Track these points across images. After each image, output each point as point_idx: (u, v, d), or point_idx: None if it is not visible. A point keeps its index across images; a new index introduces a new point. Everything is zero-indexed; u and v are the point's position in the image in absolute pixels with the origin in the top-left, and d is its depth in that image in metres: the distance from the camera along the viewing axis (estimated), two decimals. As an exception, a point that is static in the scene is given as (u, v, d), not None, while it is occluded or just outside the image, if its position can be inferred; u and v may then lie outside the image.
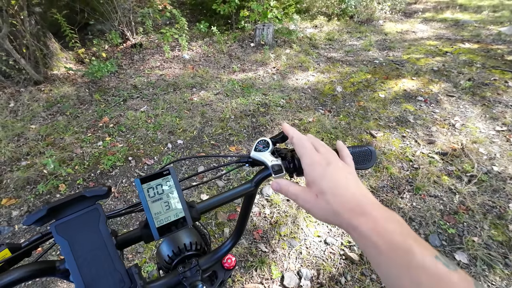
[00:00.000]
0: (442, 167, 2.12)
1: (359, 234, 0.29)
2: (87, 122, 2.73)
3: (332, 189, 0.32)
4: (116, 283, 0.34)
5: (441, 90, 3.16)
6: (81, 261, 0.33)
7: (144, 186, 0.37)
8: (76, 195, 0.35)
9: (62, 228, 0.34)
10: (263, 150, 0.47)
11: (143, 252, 1.62)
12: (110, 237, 0.35)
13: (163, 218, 0.38)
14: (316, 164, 0.34)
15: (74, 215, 0.34)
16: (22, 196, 1.98)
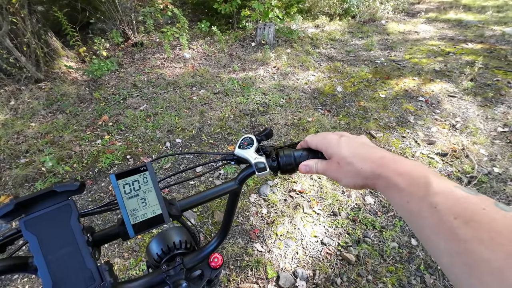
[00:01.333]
0: (442, 168, 2.10)
1: (382, 179, 0.31)
2: (87, 120, 2.74)
3: (350, 152, 0.35)
4: (85, 281, 0.33)
5: (442, 91, 3.13)
6: (50, 258, 0.32)
7: (120, 182, 0.37)
8: (46, 190, 0.34)
9: (31, 224, 0.33)
10: (247, 148, 0.46)
11: (138, 251, 1.62)
12: (81, 234, 0.34)
13: (139, 215, 0.37)
14: (331, 139, 0.39)
15: (44, 211, 0.34)
16: (20, 194, 1.99)
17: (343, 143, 0.37)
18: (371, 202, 1.88)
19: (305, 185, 2.02)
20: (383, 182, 0.31)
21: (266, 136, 0.46)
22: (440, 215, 0.24)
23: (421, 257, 1.54)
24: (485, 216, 0.22)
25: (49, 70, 3.37)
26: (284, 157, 0.44)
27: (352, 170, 0.34)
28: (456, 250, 0.22)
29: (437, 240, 0.24)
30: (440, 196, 0.25)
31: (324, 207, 1.85)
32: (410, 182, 0.28)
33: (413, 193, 0.28)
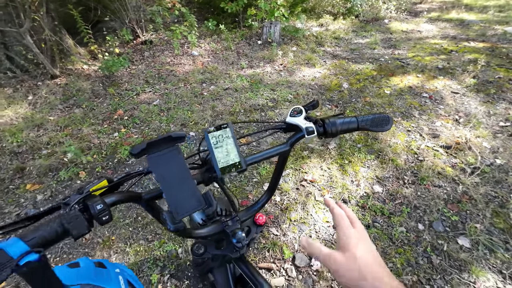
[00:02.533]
0: (446, 160, 2.20)
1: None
2: (103, 114, 2.84)
3: (364, 258, 0.38)
4: (195, 203, 0.43)
5: (445, 87, 3.22)
6: (169, 185, 0.42)
7: (210, 135, 0.46)
8: (165, 135, 0.44)
9: (154, 160, 0.43)
10: (297, 116, 0.55)
11: (161, 234, 1.71)
12: (188, 170, 0.44)
13: (223, 161, 0.47)
14: (352, 237, 0.40)
15: (162, 152, 0.44)
16: (44, 182, 2.09)
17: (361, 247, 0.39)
18: (379, 191, 1.98)
19: (315, 175, 2.11)
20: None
21: (313, 107, 0.56)
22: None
23: (428, 240, 1.64)
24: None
25: (63, 66, 3.47)
26: (330, 124, 0.54)
27: (358, 273, 0.37)
28: None
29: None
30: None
31: (334, 195, 1.95)
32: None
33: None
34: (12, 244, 0.32)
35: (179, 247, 1.65)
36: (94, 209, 0.37)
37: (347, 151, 2.32)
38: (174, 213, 0.41)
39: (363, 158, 2.25)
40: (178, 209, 0.41)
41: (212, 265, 0.84)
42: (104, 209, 0.37)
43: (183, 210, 0.42)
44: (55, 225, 0.36)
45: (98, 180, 0.42)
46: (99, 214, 0.37)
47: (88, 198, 0.39)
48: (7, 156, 2.33)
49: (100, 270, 0.52)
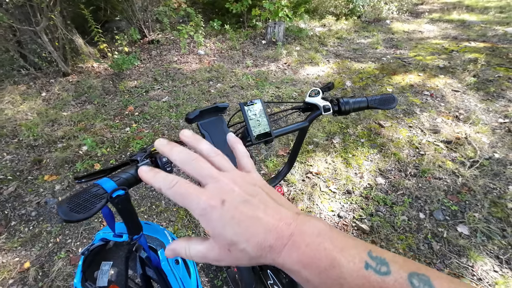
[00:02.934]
0: (446, 154, 2.28)
1: (289, 270, 0.25)
2: (114, 110, 2.94)
3: (242, 234, 0.25)
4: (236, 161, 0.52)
5: (446, 86, 3.30)
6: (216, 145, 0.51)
7: (246, 108, 0.56)
8: (212, 105, 0.53)
9: (204, 125, 0.52)
10: (315, 96, 0.65)
11: (175, 221, 1.81)
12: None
13: (256, 130, 0.56)
14: (208, 211, 0.25)
15: (209, 119, 0.53)
16: (61, 173, 2.19)
17: (228, 218, 0.25)
18: (382, 183, 2.06)
19: (320, 168, 2.20)
20: (290, 273, 0.25)
21: (329, 88, 0.65)
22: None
23: (428, 228, 1.72)
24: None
25: (74, 64, 3.58)
26: (344, 102, 0.63)
27: (248, 257, 0.25)
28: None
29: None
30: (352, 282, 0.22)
31: (339, 186, 2.04)
32: (321, 276, 0.23)
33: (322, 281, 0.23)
34: (106, 182, 0.41)
35: (192, 233, 1.74)
36: (161, 161, 0.46)
37: (351, 145, 2.41)
38: None
39: (366, 152, 2.34)
40: None
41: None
42: (168, 161, 0.47)
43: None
44: (133, 171, 0.45)
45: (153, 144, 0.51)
46: (165, 165, 0.46)
47: (153, 154, 0.48)
48: (24, 149, 2.43)
49: (149, 225, 0.61)
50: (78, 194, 0.38)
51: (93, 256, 0.57)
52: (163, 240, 0.57)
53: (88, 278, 0.55)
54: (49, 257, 1.61)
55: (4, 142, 2.52)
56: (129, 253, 0.59)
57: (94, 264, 0.57)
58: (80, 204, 0.37)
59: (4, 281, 1.49)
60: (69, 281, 1.49)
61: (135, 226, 0.44)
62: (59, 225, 1.79)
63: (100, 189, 0.40)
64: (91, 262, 0.57)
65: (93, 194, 0.39)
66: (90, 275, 0.56)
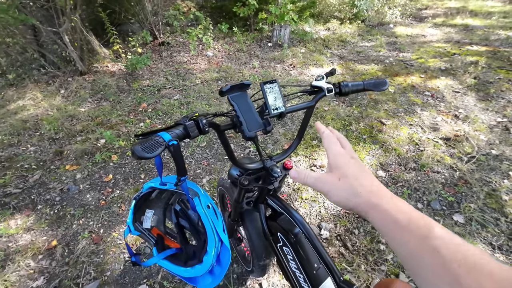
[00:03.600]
0: (445, 150, 2.39)
1: (379, 210, 0.32)
2: (128, 107, 3.10)
3: (355, 174, 0.36)
4: (258, 125, 0.65)
5: (447, 87, 3.41)
6: (243, 113, 0.65)
7: (265, 86, 0.69)
8: (239, 82, 0.66)
9: (233, 98, 0.65)
10: (320, 80, 0.78)
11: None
12: (254, 107, 0.67)
13: (273, 104, 0.69)
14: (341, 155, 0.39)
15: (238, 93, 0.66)
16: (81, 164, 2.34)
17: (351, 164, 0.38)
18: (383, 175, 2.17)
19: (324, 161, 2.32)
20: (379, 214, 0.32)
21: (331, 74, 0.79)
22: (443, 261, 0.25)
23: (425, 217, 1.83)
24: (485, 266, 0.24)
25: (90, 64, 3.77)
26: (344, 85, 0.76)
27: (350, 190, 0.35)
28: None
29: (438, 284, 0.25)
30: (442, 241, 0.26)
31: (341, 179, 2.16)
32: (411, 221, 0.29)
33: (415, 232, 0.28)
34: (164, 134, 0.55)
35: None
36: (202, 123, 0.60)
37: (353, 141, 2.53)
38: (246, 128, 0.63)
39: (368, 148, 2.46)
40: (249, 127, 0.64)
41: (245, 208, 1.06)
42: (206, 124, 0.60)
43: (253, 127, 0.64)
44: (182, 129, 0.58)
45: (193, 113, 0.64)
46: (204, 126, 0.60)
47: (194, 119, 0.61)
48: (46, 142, 2.60)
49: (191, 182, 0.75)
50: (146, 140, 0.52)
51: (141, 202, 0.71)
52: (197, 191, 0.71)
53: (137, 219, 0.69)
54: (74, 237, 1.75)
55: (28, 135, 2.70)
56: (166, 205, 0.73)
57: (141, 209, 0.71)
58: (148, 147, 0.51)
59: (35, 256, 1.63)
60: (93, 257, 1.63)
61: (182, 170, 0.58)
62: (82, 209, 1.94)
63: (160, 138, 0.53)
64: (139, 207, 0.71)
65: (156, 141, 0.52)
66: (139, 218, 0.69)
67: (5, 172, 2.26)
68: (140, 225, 0.68)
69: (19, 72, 3.61)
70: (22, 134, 2.70)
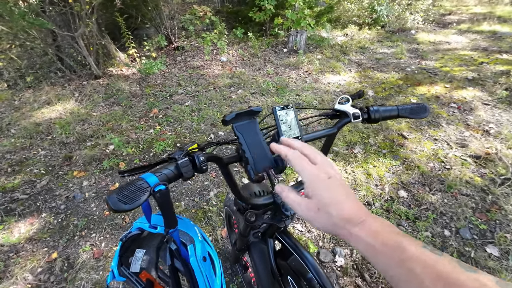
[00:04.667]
0: (474, 169, 2.18)
1: (357, 239, 0.33)
2: (139, 112, 3.07)
3: (333, 203, 0.34)
4: (268, 162, 0.54)
5: (475, 98, 3.17)
6: (250, 147, 0.53)
7: (278, 112, 0.57)
8: (246, 109, 0.55)
9: (239, 127, 0.54)
10: (345, 103, 0.65)
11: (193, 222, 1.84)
12: (263, 138, 0.55)
13: (287, 134, 0.58)
14: (315, 177, 0.36)
15: (245, 121, 0.55)
16: (89, 170, 2.30)
17: (329, 188, 0.35)
18: (404, 196, 2.00)
19: (340, 177, 2.17)
20: (356, 241, 0.33)
21: (359, 96, 0.66)
22: (420, 280, 0.27)
23: (454, 246, 1.64)
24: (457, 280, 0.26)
25: (105, 68, 3.79)
26: (374, 110, 0.63)
27: (330, 221, 0.34)
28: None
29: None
30: (416, 262, 0.28)
31: (358, 197, 2.00)
32: (384, 245, 0.31)
33: (389, 255, 0.30)
34: (149, 176, 0.44)
35: (210, 235, 1.76)
36: (199, 160, 0.49)
37: (372, 156, 2.36)
38: (253, 168, 0.52)
39: (388, 164, 2.28)
40: (257, 166, 0.52)
41: (252, 240, 0.94)
42: (204, 161, 0.49)
43: (261, 166, 0.52)
44: (173, 168, 0.48)
45: (191, 143, 0.54)
46: (201, 164, 0.49)
47: (189, 153, 0.51)
48: (57, 146, 2.59)
49: (182, 220, 0.64)
50: (125, 186, 0.41)
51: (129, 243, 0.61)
52: (193, 236, 0.60)
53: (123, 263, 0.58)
54: (75, 249, 1.69)
55: (40, 138, 2.71)
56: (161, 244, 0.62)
57: (129, 250, 0.61)
58: (127, 195, 0.40)
59: (34, 269, 1.58)
60: (92, 274, 1.55)
61: (171, 220, 0.47)
62: (85, 219, 1.88)
63: (144, 183, 0.43)
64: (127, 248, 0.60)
65: (138, 187, 0.42)
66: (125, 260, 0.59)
67: (15, 176, 2.25)
68: (126, 269, 0.58)
69: (38, 75, 3.68)
70: (34, 137, 2.71)
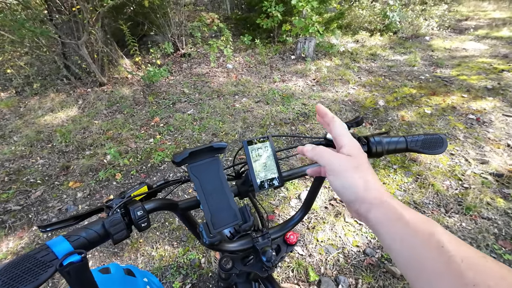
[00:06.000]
0: (496, 189, 1.97)
1: (386, 207, 0.31)
2: (141, 120, 3.02)
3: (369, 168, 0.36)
4: (231, 217, 0.42)
5: (495, 109, 2.95)
6: (207, 196, 0.42)
7: (250, 147, 0.46)
8: (206, 145, 0.44)
9: (194, 169, 0.43)
10: (340, 132, 0.53)
11: (186, 241, 1.73)
12: (227, 182, 0.44)
13: (262, 175, 0.46)
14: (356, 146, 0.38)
15: (203, 161, 0.44)
16: (85, 181, 2.24)
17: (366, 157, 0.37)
18: (417, 218, 1.82)
19: (346, 194, 2.01)
20: (384, 211, 0.31)
21: (357, 124, 0.53)
22: (448, 256, 0.25)
23: (474, 279, 1.46)
24: (486, 262, 0.24)
25: (110, 75, 3.79)
26: (375, 142, 0.51)
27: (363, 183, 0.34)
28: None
29: (441, 279, 0.25)
30: (446, 237, 0.27)
31: (366, 218, 1.83)
32: (417, 219, 0.29)
33: (420, 229, 0.28)
34: (58, 243, 0.33)
35: (203, 256, 1.64)
36: (135, 214, 0.38)
37: (381, 172, 2.20)
38: (210, 225, 0.40)
39: (399, 181, 2.11)
40: (214, 222, 0.41)
41: (237, 281, 0.81)
42: (143, 216, 0.38)
43: (220, 223, 0.41)
44: (98, 228, 0.37)
45: (139, 186, 0.43)
46: (139, 220, 0.38)
47: (129, 203, 0.40)
48: (56, 155, 2.55)
49: (129, 278, 0.53)
50: (18, 262, 0.30)
51: None
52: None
53: None
54: (61, 267, 1.61)
55: (40, 146, 2.68)
56: None
57: None
58: (18, 276, 0.29)
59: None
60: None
61: None
62: (75, 234, 1.80)
63: (49, 253, 0.32)
64: None
65: (38, 261, 0.31)
66: None
67: (11, 186, 2.22)
68: None
69: (45, 82, 3.72)
70: (34, 145, 2.69)
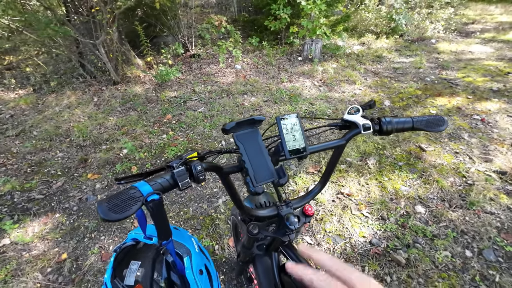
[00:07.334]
0: (500, 186, 2.03)
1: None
2: (154, 117, 3.13)
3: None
4: (269, 174, 0.51)
5: (501, 111, 3.00)
6: (251, 158, 0.51)
7: (282, 122, 0.55)
8: (248, 117, 0.53)
9: (240, 137, 0.52)
10: (355, 114, 0.62)
11: (200, 229, 1.82)
12: (265, 148, 0.53)
13: (291, 145, 0.55)
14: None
15: (245, 131, 0.53)
16: (102, 173, 2.35)
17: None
18: (422, 212, 1.89)
19: (352, 189, 2.09)
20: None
21: (370, 106, 0.62)
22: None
23: (476, 269, 1.52)
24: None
25: (123, 74, 3.92)
26: (386, 122, 0.59)
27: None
28: None
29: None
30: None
31: (372, 211, 1.91)
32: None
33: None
34: (143, 185, 0.43)
35: (216, 243, 1.73)
36: (196, 169, 0.47)
37: (387, 168, 2.27)
38: (253, 179, 0.49)
39: (405, 177, 2.18)
40: (256, 177, 0.50)
41: (257, 253, 0.90)
42: (201, 170, 0.47)
43: (261, 179, 0.50)
44: (168, 177, 0.46)
45: (191, 151, 0.52)
46: (198, 173, 0.47)
47: (187, 162, 0.49)
48: (74, 149, 2.68)
49: (178, 230, 0.62)
50: (117, 195, 0.40)
51: (124, 255, 0.59)
52: (190, 248, 0.57)
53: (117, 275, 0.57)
54: (84, 251, 1.71)
55: (59, 141, 2.81)
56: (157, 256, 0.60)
57: (124, 262, 0.59)
58: (118, 204, 0.39)
59: (44, 269, 1.61)
60: (99, 277, 1.56)
61: (165, 232, 0.45)
62: (95, 221, 1.91)
63: (137, 191, 0.41)
64: (122, 260, 0.59)
65: (130, 196, 0.40)
66: (120, 273, 0.57)
67: (33, 176, 2.34)
68: (120, 282, 0.56)
69: (61, 80, 3.87)
70: (54, 140, 2.82)
